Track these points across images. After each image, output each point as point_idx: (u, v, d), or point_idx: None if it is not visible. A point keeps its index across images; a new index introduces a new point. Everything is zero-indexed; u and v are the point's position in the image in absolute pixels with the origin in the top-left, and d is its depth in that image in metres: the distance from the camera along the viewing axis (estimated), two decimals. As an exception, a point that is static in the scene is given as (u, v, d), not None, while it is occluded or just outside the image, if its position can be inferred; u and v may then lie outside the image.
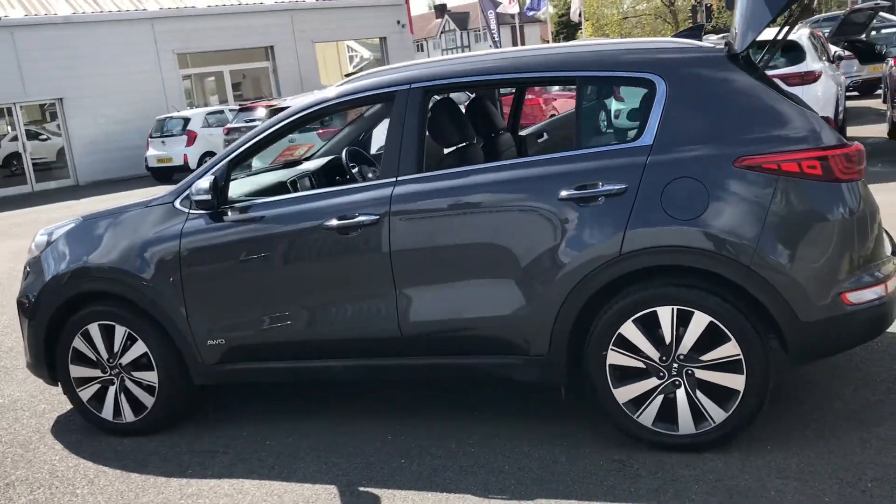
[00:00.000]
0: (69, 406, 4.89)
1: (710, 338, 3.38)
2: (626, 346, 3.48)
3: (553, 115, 16.47)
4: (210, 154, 18.69)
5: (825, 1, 42.82)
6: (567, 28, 67.95)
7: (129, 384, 4.31)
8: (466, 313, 3.70)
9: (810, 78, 9.92)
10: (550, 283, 3.53)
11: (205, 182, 3.95)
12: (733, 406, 3.40)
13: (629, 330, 3.46)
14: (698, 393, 3.43)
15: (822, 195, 3.31)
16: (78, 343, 4.34)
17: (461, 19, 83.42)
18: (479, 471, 3.58)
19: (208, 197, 3.91)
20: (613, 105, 6.63)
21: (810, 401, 3.87)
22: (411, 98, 3.84)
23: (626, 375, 3.52)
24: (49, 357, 4.43)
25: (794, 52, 9.89)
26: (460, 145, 4.25)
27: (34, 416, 4.83)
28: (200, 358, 4.14)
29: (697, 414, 3.45)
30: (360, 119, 5.66)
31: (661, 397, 3.48)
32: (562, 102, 16.83)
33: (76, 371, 4.39)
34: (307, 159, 5.51)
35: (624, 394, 3.53)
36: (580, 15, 36.30)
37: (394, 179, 3.79)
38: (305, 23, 24.03)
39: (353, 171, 4.98)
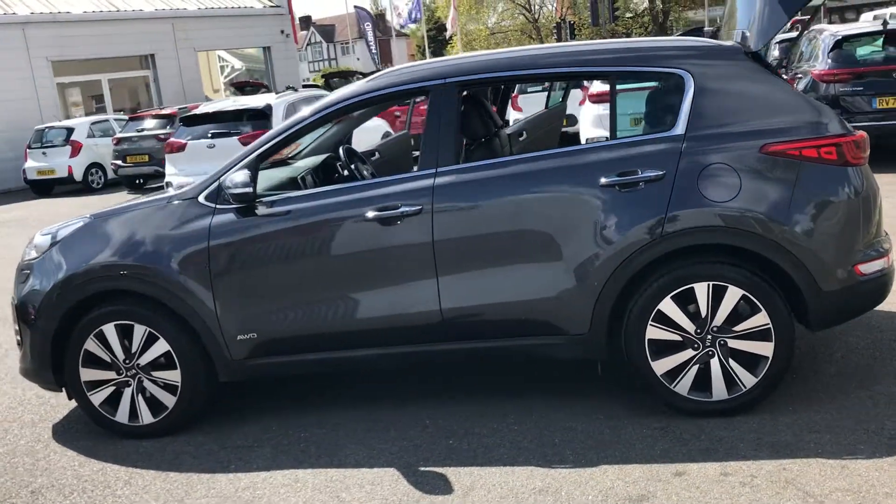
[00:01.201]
0: (60, 415, 4.74)
1: (742, 309, 3.70)
2: (665, 321, 3.76)
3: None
4: (97, 165, 17.96)
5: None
6: (435, 43, 69.22)
7: (147, 385, 4.21)
8: (509, 297, 3.87)
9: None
10: (594, 265, 3.76)
11: (240, 175, 3.95)
12: (763, 371, 3.73)
13: (667, 306, 3.74)
14: (731, 361, 3.74)
15: (837, 178, 3.70)
16: (90, 345, 4.21)
17: (327, 32, 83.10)
18: (530, 445, 3.76)
19: (248, 190, 3.91)
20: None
21: (808, 367, 4.27)
22: (446, 93, 3.99)
23: (663, 348, 3.79)
24: (54, 361, 4.27)
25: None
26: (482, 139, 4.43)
27: (25, 427, 4.62)
28: (229, 354, 4.11)
29: (730, 380, 3.76)
30: (346, 119, 5.72)
31: (696, 367, 3.77)
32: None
33: (87, 374, 4.25)
34: (293, 157, 5.51)
35: (661, 366, 3.80)
36: (454, 30, 37.11)
37: (434, 171, 3.92)
38: (188, 31, 23.42)
39: (351, 167, 5.05)
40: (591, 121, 10.54)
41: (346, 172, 5.07)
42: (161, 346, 4.15)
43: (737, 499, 3.14)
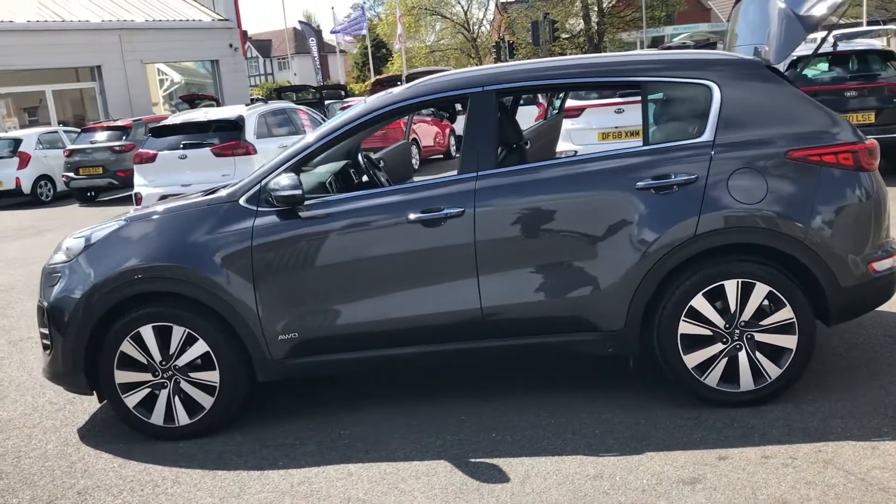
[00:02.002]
0: (81, 419, 4.73)
1: (768, 305, 3.95)
2: (696, 316, 3.98)
3: (414, 139, 17.04)
4: (46, 178, 17.57)
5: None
6: (374, 60, 69.59)
7: (184, 386, 4.25)
8: (548, 295, 4.05)
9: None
10: (631, 263, 3.96)
11: (288, 178, 4.04)
12: (787, 363, 3.98)
13: (699, 302, 3.96)
14: (757, 353, 3.98)
15: (853, 182, 3.99)
16: (126, 347, 4.22)
17: (264, 47, 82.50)
18: (573, 437, 3.92)
19: (297, 192, 4.01)
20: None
21: (817, 362, 4.51)
22: (485, 100, 4.16)
23: (694, 343, 4.01)
24: (87, 364, 4.28)
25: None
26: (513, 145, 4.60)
27: (48, 432, 4.59)
28: (269, 354, 4.18)
29: (756, 372, 4.00)
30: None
31: (724, 360, 4.00)
32: (418, 127, 17.44)
33: (122, 377, 4.26)
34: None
35: (692, 359, 4.02)
36: (402, 45, 37.45)
37: (475, 174, 4.08)
38: (135, 42, 23.10)
39: (371, 173, 5.18)
40: (560, 135, 10.83)
41: (364, 178, 5.19)
42: (200, 348, 4.19)
43: (783, 479, 3.36)
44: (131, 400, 4.28)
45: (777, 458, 3.54)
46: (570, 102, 11.02)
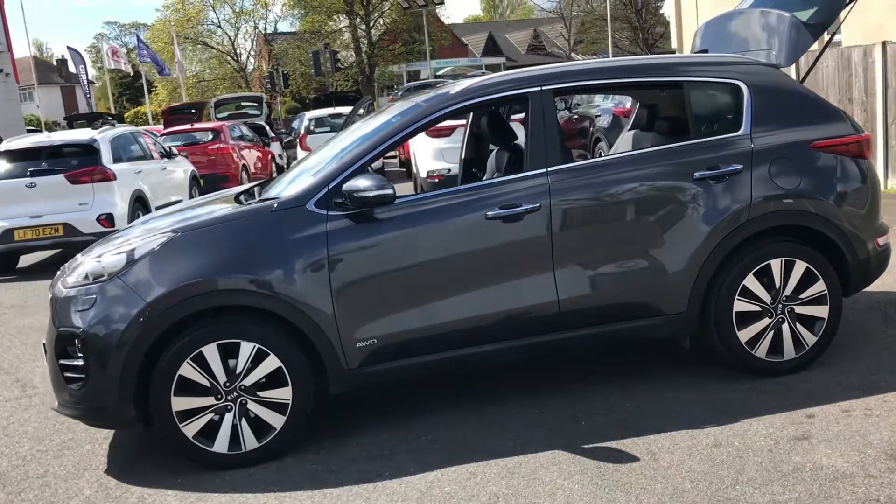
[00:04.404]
0: (99, 461, 4.23)
1: (805, 280, 4.40)
2: (748, 294, 4.35)
3: (244, 164, 16.47)
4: None
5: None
6: (130, 90, 66.19)
7: (251, 407, 3.94)
8: (620, 283, 4.24)
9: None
10: (693, 249, 4.25)
11: (369, 179, 3.93)
12: (820, 331, 4.46)
13: (750, 281, 4.34)
14: (797, 325, 4.42)
15: (860, 168, 4.56)
16: (186, 370, 3.85)
17: (1, 77, 75.40)
18: (659, 414, 4.12)
19: (389, 191, 3.90)
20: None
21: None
22: (545, 98, 4.30)
23: (746, 319, 4.37)
24: (136, 394, 3.85)
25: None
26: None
27: (69, 479, 4.03)
28: (346, 363, 4.00)
29: (797, 341, 4.43)
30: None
31: (772, 333, 4.40)
32: (245, 152, 16.94)
33: (180, 403, 3.87)
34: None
35: (745, 335, 4.37)
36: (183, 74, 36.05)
37: (545, 170, 4.19)
38: None
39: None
40: (431, 154, 11.11)
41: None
42: (270, 363, 3.92)
43: (878, 425, 3.78)
44: (190, 429, 3.90)
45: (856, 410, 3.96)
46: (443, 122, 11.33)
